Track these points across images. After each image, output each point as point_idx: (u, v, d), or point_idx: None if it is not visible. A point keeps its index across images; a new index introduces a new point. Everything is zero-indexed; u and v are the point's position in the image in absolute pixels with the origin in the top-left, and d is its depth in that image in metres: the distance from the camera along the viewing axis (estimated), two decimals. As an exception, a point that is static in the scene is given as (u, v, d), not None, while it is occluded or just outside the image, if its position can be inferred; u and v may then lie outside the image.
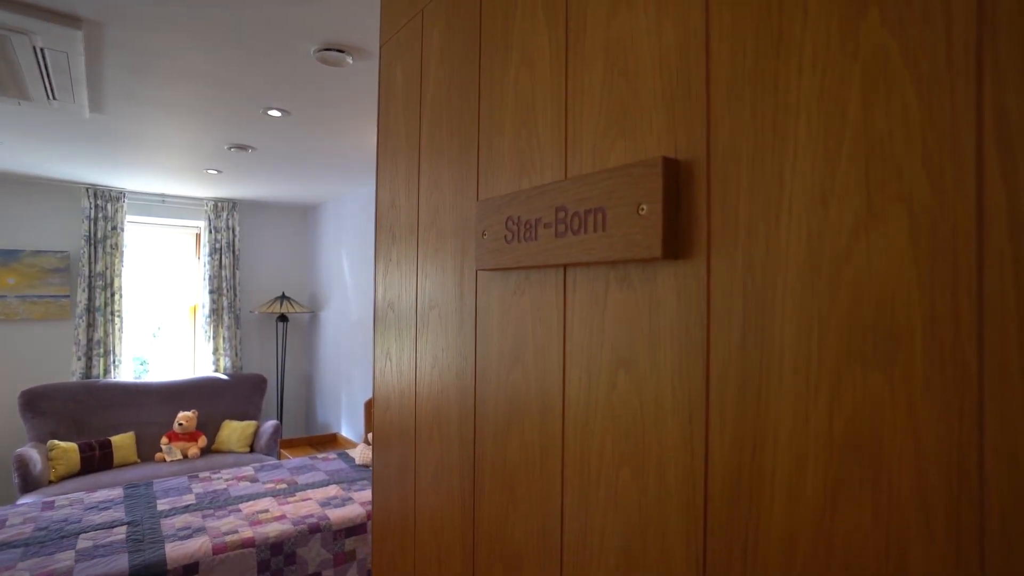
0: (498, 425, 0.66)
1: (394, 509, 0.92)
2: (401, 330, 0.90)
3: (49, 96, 2.36)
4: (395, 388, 0.92)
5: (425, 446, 0.83)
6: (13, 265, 4.12)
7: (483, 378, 0.69)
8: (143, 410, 4.20)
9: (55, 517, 2.26)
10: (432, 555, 0.81)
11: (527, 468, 0.61)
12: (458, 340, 0.74)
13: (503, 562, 0.65)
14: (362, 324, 4.33)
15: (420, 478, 0.84)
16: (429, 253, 0.82)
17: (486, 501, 0.68)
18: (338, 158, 3.38)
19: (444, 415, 0.78)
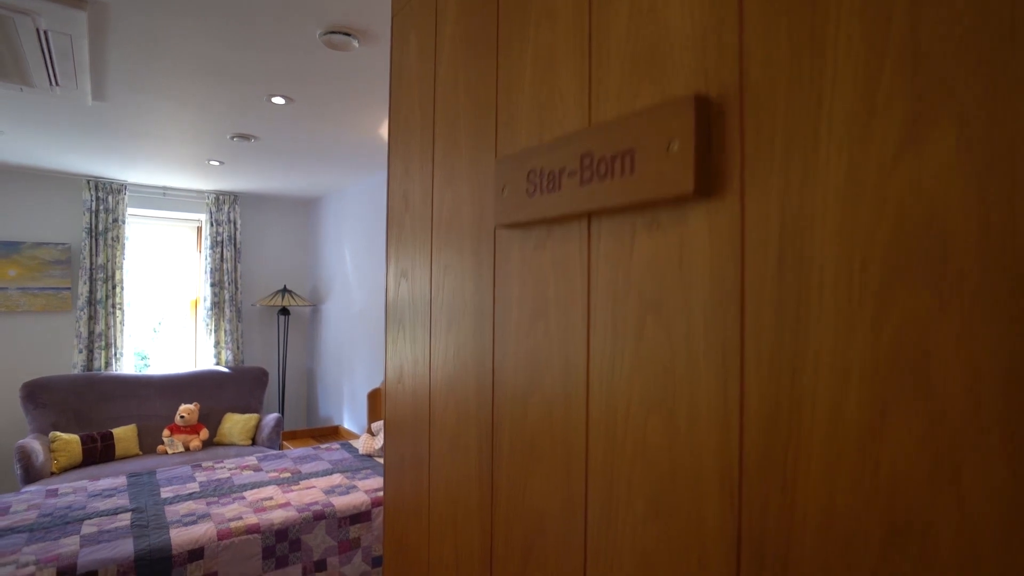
0: (517, 386, 0.65)
1: (407, 481, 0.91)
2: (415, 297, 0.89)
3: (52, 82, 2.34)
4: (408, 355, 0.92)
5: (440, 414, 0.82)
6: (14, 257, 4.10)
7: (501, 339, 0.68)
8: (145, 403, 4.19)
9: (59, 504, 2.26)
10: (447, 527, 0.80)
11: (549, 426, 0.60)
12: (475, 300, 0.73)
13: (523, 523, 0.64)
14: (364, 316, 4.32)
15: (435, 445, 0.83)
16: (444, 217, 0.81)
17: (505, 464, 0.67)
18: (341, 148, 3.37)
19: (460, 381, 0.77)
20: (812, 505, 0.38)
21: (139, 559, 1.87)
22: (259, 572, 2.06)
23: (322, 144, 3.30)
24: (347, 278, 4.63)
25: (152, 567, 1.87)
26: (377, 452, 2.97)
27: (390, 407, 0.99)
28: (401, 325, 0.95)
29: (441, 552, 0.82)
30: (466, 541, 0.75)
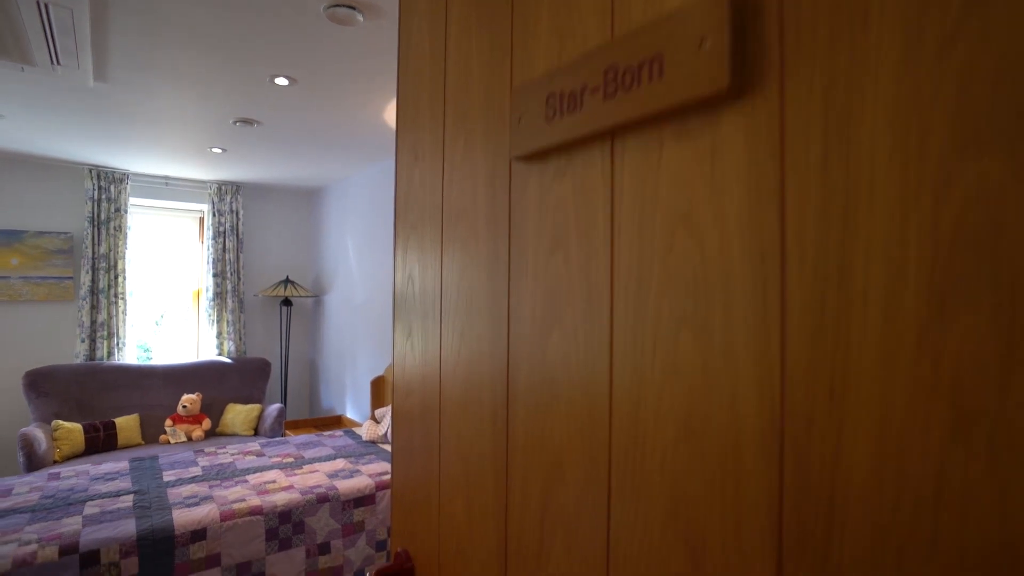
0: (535, 320, 0.62)
1: (416, 435, 0.88)
2: (423, 236, 0.86)
3: (53, 60, 2.32)
4: (418, 285, 0.89)
5: (454, 356, 0.79)
6: (16, 246, 4.09)
7: (518, 273, 0.65)
8: (147, 393, 4.17)
9: (61, 487, 2.24)
10: (459, 478, 0.77)
11: (569, 360, 0.58)
12: (489, 239, 0.71)
13: (541, 470, 0.61)
14: (367, 307, 4.30)
15: (446, 386, 0.80)
16: (458, 152, 0.78)
17: (521, 403, 0.64)
18: (344, 134, 3.34)
19: (473, 319, 0.74)
20: (865, 408, 0.35)
21: (141, 539, 1.84)
22: (262, 554, 2.04)
23: (325, 129, 3.27)
24: (350, 269, 4.61)
25: (155, 547, 1.85)
26: (381, 438, 2.95)
27: (399, 331, 0.96)
28: (411, 238, 0.92)
29: (453, 510, 0.79)
30: (479, 495, 0.72)
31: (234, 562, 1.98)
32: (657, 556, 0.48)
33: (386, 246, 4.09)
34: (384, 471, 2.44)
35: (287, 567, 2.08)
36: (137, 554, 1.83)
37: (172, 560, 1.88)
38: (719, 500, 0.43)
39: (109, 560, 1.79)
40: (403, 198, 0.95)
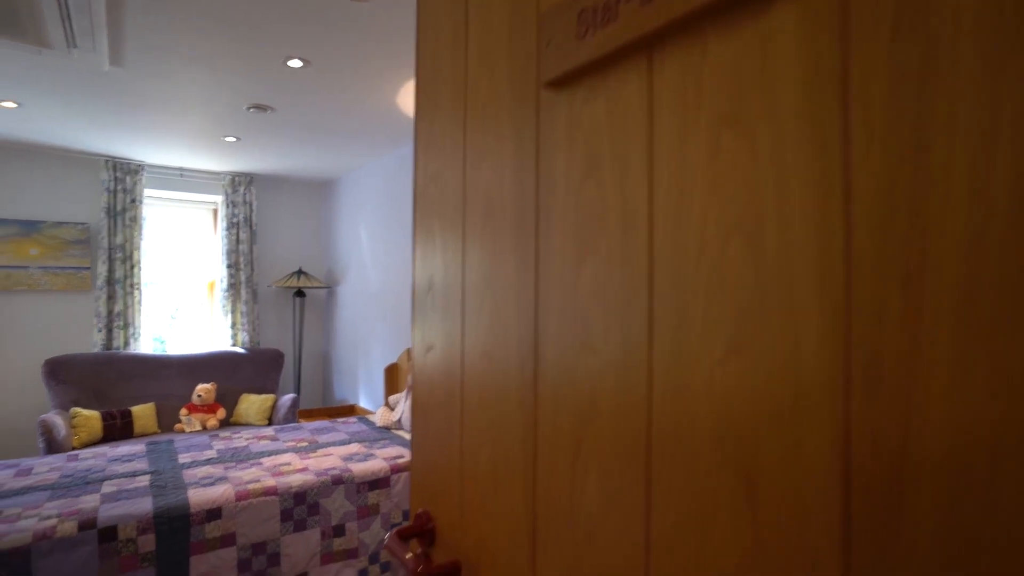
0: (566, 252, 0.59)
1: (437, 390, 0.85)
2: (445, 184, 0.84)
3: (69, 42, 2.32)
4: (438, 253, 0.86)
5: (477, 301, 0.76)
6: (35, 236, 4.13)
7: (546, 204, 0.62)
8: (163, 382, 4.19)
9: (79, 467, 2.24)
10: (483, 431, 0.74)
11: (606, 285, 0.55)
12: (514, 169, 0.68)
13: (575, 398, 0.58)
14: (381, 296, 4.29)
15: (469, 318, 0.77)
16: (482, 90, 0.75)
17: (551, 343, 0.61)
18: (358, 119, 3.33)
19: (500, 259, 0.71)
20: (947, 294, 0.32)
21: (158, 516, 1.84)
22: (277, 534, 2.03)
23: (338, 115, 3.26)
24: (363, 260, 4.60)
25: (170, 524, 1.85)
26: (395, 424, 2.93)
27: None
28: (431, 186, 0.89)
29: (476, 464, 0.76)
30: (504, 443, 0.70)
31: (249, 542, 1.97)
32: (704, 488, 0.44)
33: (399, 235, 4.07)
34: (399, 455, 2.42)
35: (302, 548, 2.07)
36: (154, 531, 1.82)
37: (188, 538, 1.87)
38: (774, 420, 0.40)
39: (126, 536, 1.79)
40: (423, 156, 0.92)
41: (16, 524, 1.71)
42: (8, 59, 2.53)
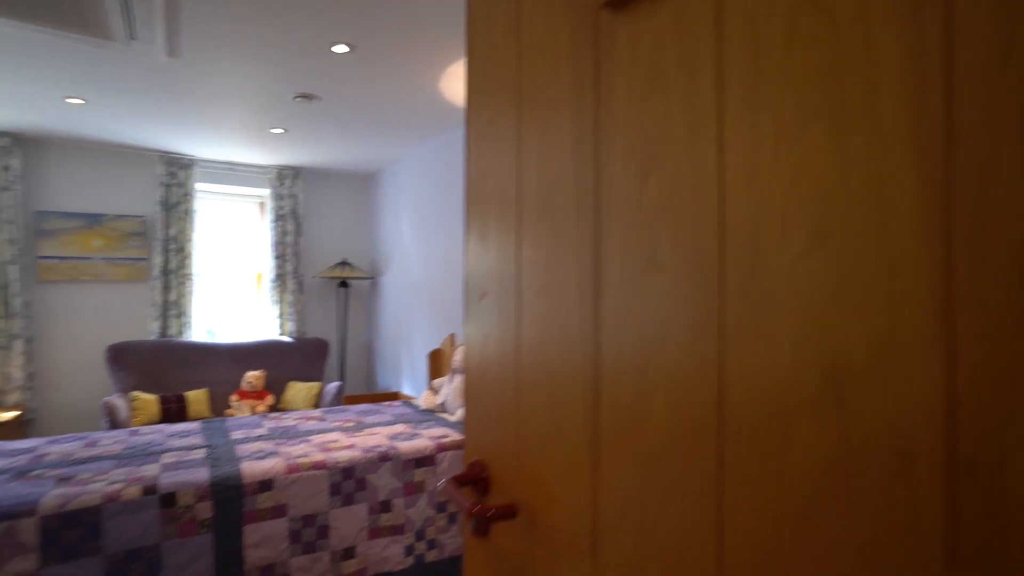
0: (628, 172, 0.58)
1: (491, 328, 0.85)
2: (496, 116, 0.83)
3: (130, 34, 2.42)
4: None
5: (533, 232, 0.76)
6: (97, 228, 4.33)
7: (607, 123, 0.61)
8: (214, 369, 4.34)
9: (140, 441, 2.34)
10: (540, 365, 0.74)
11: (673, 197, 0.53)
12: (572, 99, 0.66)
13: (641, 320, 0.57)
14: (423, 284, 4.34)
15: (526, 243, 0.77)
16: (537, 25, 0.74)
17: (615, 265, 0.60)
18: (402, 106, 3.37)
19: (558, 180, 0.71)
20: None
21: (214, 485, 1.90)
22: (326, 508, 2.07)
23: (382, 102, 3.31)
24: (405, 249, 4.66)
25: (225, 493, 1.91)
26: (439, 407, 2.96)
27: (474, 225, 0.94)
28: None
29: (533, 405, 0.76)
30: (563, 375, 0.69)
31: (300, 514, 2.02)
32: (784, 384, 0.43)
33: (440, 223, 4.11)
34: (444, 435, 2.44)
35: (350, 522, 2.10)
36: (210, 499, 1.88)
37: (241, 507, 1.93)
38: (862, 310, 0.38)
39: (185, 503, 1.85)
40: (475, 91, 0.92)
41: (87, 487, 1.80)
42: (75, 55, 2.66)
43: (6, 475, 1.92)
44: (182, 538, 1.84)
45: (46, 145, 4.21)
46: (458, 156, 3.85)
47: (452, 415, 2.80)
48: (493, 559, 0.86)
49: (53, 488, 1.80)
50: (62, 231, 4.24)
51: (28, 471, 1.96)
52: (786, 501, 0.42)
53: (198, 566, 1.85)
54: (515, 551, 0.79)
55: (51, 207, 4.23)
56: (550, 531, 0.72)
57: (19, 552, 1.65)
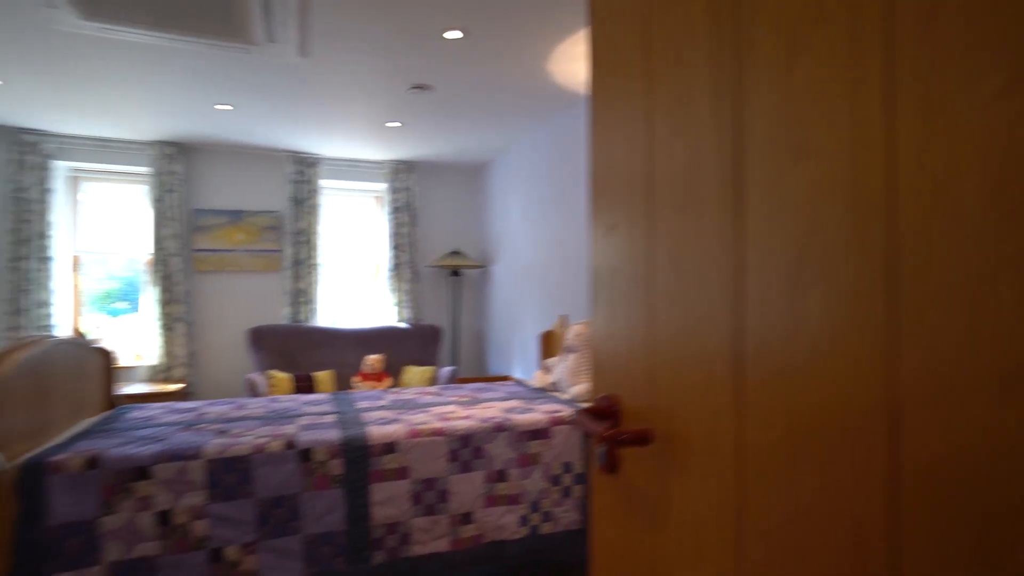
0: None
1: (621, 251, 0.83)
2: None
3: (268, 37, 2.65)
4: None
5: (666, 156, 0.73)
6: (239, 224, 4.80)
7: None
8: (339, 352, 4.65)
9: (279, 406, 2.56)
10: (677, 294, 0.71)
11: (829, 71, 0.49)
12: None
13: (789, 218, 0.53)
14: (533, 268, 4.39)
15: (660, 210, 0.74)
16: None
17: (756, 154, 0.56)
18: (512, 91, 3.42)
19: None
20: None
21: (344, 444, 2.04)
22: (445, 472, 2.14)
23: (492, 89, 3.38)
24: (514, 237, 4.74)
25: (354, 452, 2.04)
26: (551, 386, 2.97)
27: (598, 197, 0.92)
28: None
29: (669, 327, 0.73)
30: (708, 274, 0.66)
31: (421, 477, 2.11)
32: (976, 257, 0.37)
33: (551, 206, 4.13)
34: (557, 410, 2.44)
35: (468, 488, 2.17)
36: (341, 457, 2.02)
37: (368, 467, 2.05)
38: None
39: (319, 459, 2.00)
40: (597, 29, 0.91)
41: (239, 439, 2.00)
42: (223, 62, 2.97)
43: (177, 427, 2.19)
44: (318, 490, 1.99)
45: (200, 151, 4.74)
46: (567, 139, 3.84)
47: (565, 393, 2.80)
48: (623, 495, 0.84)
49: (213, 439, 2.02)
50: (212, 227, 4.76)
51: (193, 424, 2.22)
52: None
53: (331, 517, 2.00)
54: (648, 483, 0.77)
55: (204, 206, 4.76)
56: (687, 457, 0.69)
57: (191, 488, 1.87)
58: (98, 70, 3.10)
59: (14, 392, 1.86)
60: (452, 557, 2.13)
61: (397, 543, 2.07)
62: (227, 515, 1.90)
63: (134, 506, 1.83)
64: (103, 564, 1.78)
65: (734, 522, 0.61)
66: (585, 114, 3.62)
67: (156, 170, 4.49)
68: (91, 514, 1.78)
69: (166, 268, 4.52)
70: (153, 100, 3.58)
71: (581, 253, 3.61)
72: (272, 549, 1.94)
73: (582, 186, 3.61)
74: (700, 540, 0.66)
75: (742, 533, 0.60)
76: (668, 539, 0.73)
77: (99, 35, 2.66)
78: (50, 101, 3.62)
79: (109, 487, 1.81)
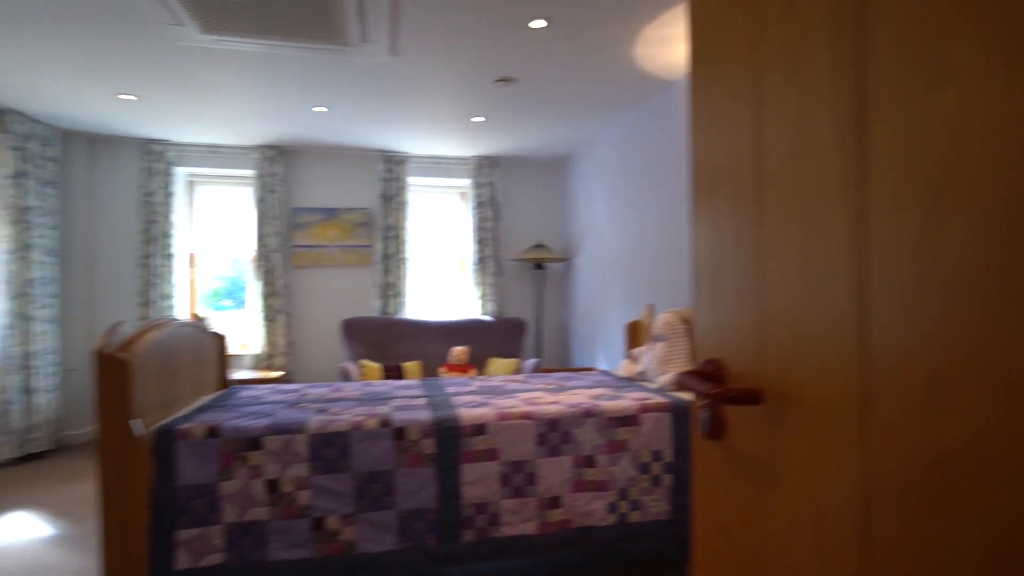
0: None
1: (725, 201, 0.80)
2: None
3: (363, 37, 2.78)
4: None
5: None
6: (333, 221, 5.06)
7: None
8: (426, 343, 4.80)
9: (372, 390, 2.68)
10: (793, 252, 0.68)
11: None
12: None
13: (928, 137, 0.49)
14: (619, 258, 4.33)
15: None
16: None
17: (889, 77, 0.53)
18: (596, 79, 3.39)
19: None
20: None
21: (435, 424, 2.10)
22: (533, 456, 2.16)
23: (576, 78, 3.36)
24: (599, 229, 4.70)
25: (445, 432, 2.09)
26: (638, 375, 2.92)
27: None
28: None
29: (782, 280, 0.70)
30: (821, 239, 0.62)
31: (510, 459, 2.14)
32: None
33: (636, 196, 4.05)
34: (646, 397, 2.40)
35: (555, 472, 2.17)
36: (433, 436, 2.08)
37: (459, 447, 2.10)
38: None
39: (412, 438, 2.07)
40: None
41: (338, 416, 2.12)
42: (319, 65, 3.14)
43: (282, 405, 2.34)
44: (411, 467, 2.06)
45: (297, 152, 5.05)
46: (652, 126, 3.76)
47: (653, 382, 2.74)
48: (729, 460, 0.81)
49: (315, 415, 2.14)
50: (308, 224, 5.05)
51: (296, 403, 2.37)
52: None
53: (424, 494, 2.06)
54: (757, 445, 0.74)
55: (301, 204, 5.06)
56: (804, 416, 0.65)
57: (296, 460, 2.00)
58: (213, 81, 3.37)
59: (148, 368, 2.06)
60: (540, 540, 2.14)
61: (486, 523, 2.11)
62: (328, 487, 2.01)
63: (247, 473, 1.97)
64: (222, 524, 1.94)
65: (860, 480, 0.57)
66: (673, 100, 3.52)
67: (259, 172, 4.83)
68: (212, 478, 1.95)
69: (268, 264, 4.84)
70: (258, 106, 3.85)
71: (669, 240, 3.52)
72: (368, 522, 2.04)
73: (670, 173, 3.52)
74: (819, 500, 0.63)
75: (869, 490, 0.56)
76: (781, 503, 0.69)
77: (215, 47, 2.89)
78: (173, 112, 3.98)
79: (227, 454, 1.97)
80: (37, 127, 4.13)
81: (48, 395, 4.18)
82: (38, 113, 4.02)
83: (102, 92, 3.60)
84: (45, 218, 4.19)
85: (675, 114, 3.45)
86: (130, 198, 4.74)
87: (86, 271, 4.62)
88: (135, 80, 3.38)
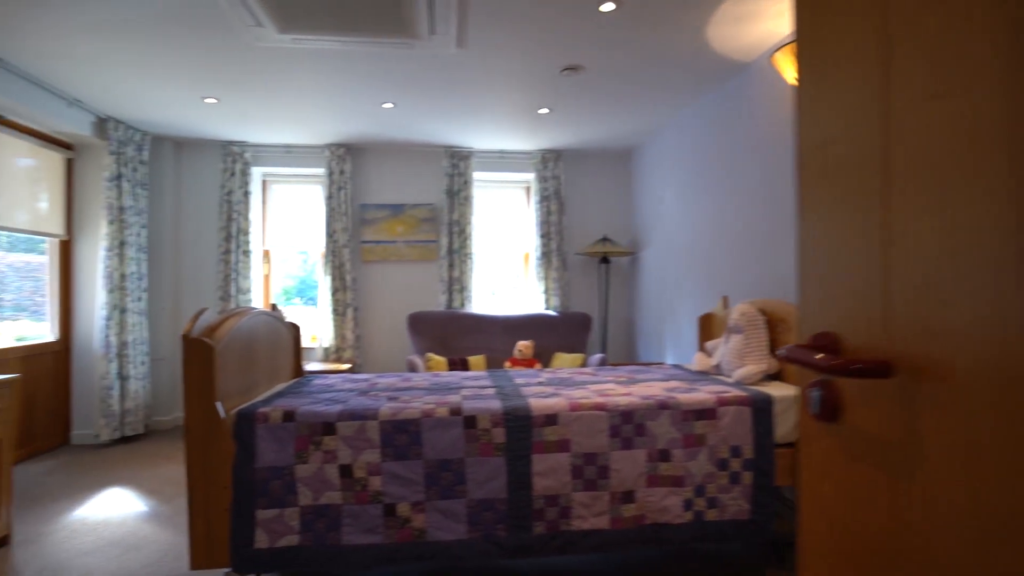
0: None
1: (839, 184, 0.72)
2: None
3: (430, 29, 2.79)
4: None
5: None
6: (400, 216, 5.15)
7: None
8: (490, 338, 4.79)
9: (441, 380, 2.69)
10: (933, 204, 0.59)
11: None
12: None
13: None
14: (689, 251, 4.18)
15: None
16: None
17: None
18: (665, 65, 3.27)
19: None
20: None
21: (506, 414, 2.07)
22: (606, 448, 2.09)
23: (645, 65, 3.25)
24: (667, 221, 4.55)
25: (516, 422, 2.06)
26: (713, 369, 2.79)
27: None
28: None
29: (915, 240, 0.61)
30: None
31: (582, 451, 2.08)
32: None
33: (708, 186, 3.90)
34: (723, 390, 2.28)
35: (629, 465, 2.10)
36: (503, 426, 2.05)
37: (530, 437, 2.06)
38: None
39: (483, 427, 2.05)
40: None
41: (410, 404, 2.13)
42: (391, 61, 3.18)
43: (354, 392, 2.38)
44: (482, 456, 2.04)
45: (365, 150, 5.16)
46: (727, 112, 3.60)
47: (729, 376, 2.61)
48: (845, 444, 0.73)
49: (386, 403, 2.16)
50: (376, 220, 5.16)
51: (367, 392, 2.40)
52: None
53: (494, 484, 2.04)
54: (885, 426, 0.66)
55: (369, 200, 5.17)
56: (946, 391, 0.57)
57: (368, 446, 2.02)
58: (288, 80, 3.49)
59: (229, 353, 2.14)
60: (612, 536, 2.08)
61: (557, 516, 2.06)
62: (399, 473, 2.02)
63: (321, 458, 2.01)
64: (298, 506, 1.98)
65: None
66: (751, 83, 3.35)
67: (329, 170, 4.97)
68: (288, 461, 2.00)
69: (337, 259, 4.98)
70: (328, 104, 3.96)
71: (751, 228, 3.35)
72: (439, 510, 2.03)
73: (752, 158, 3.35)
74: (978, 488, 0.54)
75: (1044, 473, 0.48)
76: (919, 491, 0.61)
77: (291, 46, 2.98)
78: (251, 114, 4.15)
79: (302, 438, 2.01)
80: (132, 133, 4.41)
81: (140, 382, 4.46)
82: (133, 120, 4.29)
83: (188, 96, 3.79)
84: (137, 217, 4.48)
85: (754, 98, 3.28)
86: (212, 197, 4.99)
87: (172, 266, 4.91)
88: (217, 83, 3.54)
